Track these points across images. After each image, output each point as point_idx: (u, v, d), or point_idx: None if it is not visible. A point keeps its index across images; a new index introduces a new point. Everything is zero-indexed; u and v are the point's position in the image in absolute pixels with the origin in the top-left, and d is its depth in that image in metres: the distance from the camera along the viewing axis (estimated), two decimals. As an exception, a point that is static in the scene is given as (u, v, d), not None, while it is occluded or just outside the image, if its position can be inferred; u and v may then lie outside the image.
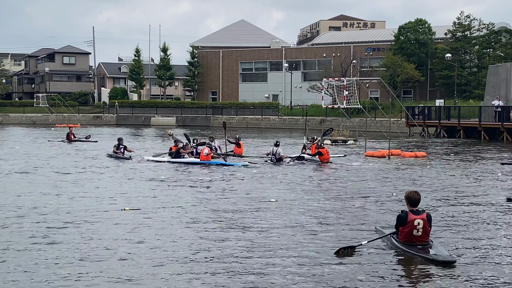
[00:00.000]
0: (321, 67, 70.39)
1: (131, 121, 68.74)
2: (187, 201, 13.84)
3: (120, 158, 24.24)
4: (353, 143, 35.05)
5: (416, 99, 66.70)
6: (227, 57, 79.78)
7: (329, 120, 55.93)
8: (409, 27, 66.09)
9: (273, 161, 22.75)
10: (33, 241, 9.83)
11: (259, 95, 75.16)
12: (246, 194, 15.00)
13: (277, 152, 22.92)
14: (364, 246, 9.33)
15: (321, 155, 23.06)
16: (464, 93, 61.69)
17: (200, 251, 9.30)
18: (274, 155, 22.90)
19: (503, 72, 43.71)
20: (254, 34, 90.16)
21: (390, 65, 62.57)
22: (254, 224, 11.28)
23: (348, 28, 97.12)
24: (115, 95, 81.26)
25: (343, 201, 14.12)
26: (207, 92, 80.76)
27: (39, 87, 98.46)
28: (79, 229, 10.72)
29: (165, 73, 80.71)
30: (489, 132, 38.69)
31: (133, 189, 15.83)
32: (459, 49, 64.20)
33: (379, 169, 21.16)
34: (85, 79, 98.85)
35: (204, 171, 20.34)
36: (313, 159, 23.46)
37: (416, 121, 43.32)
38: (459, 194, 15.31)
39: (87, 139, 34.72)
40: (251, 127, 61.00)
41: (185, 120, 67.42)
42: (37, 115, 71.15)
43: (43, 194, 14.84)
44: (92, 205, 13.18)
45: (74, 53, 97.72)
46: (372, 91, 67.87)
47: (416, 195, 9.09)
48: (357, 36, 79.89)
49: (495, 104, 39.24)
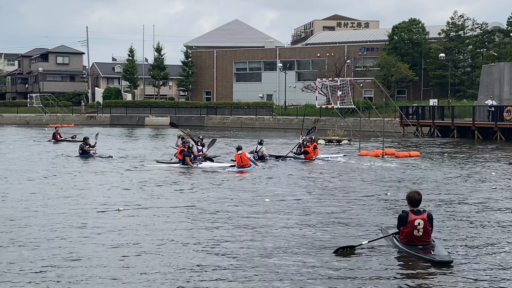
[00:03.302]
0: (315, 67, 70.47)
1: (125, 121, 68.64)
2: (179, 203, 13.80)
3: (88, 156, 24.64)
4: (347, 143, 35.10)
5: (410, 98, 66.83)
6: (221, 57, 79.73)
7: (323, 119, 56.01)
8: (402, 27, 66.21)
9: (256, 158, 22.95)
10: (29, 241, 9.82)
11: (253, 95, 75.14)
12: (239, 195, 14.99)
13: (260, 150, 23.33)
14: (363, 246, 9.34)
15: (307, 153, 23.61)
16: (457, 93, 61.85)
17: (195, 252, 9.30)
18: (257, 153, 23.18)
19: (497, 72, 43.83)
20: (248, 34, 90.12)
21: (384, 65, 62.69)
22: (249, 224, 11.28)
23: (342, 28, 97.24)
24: (109, 95, 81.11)
25: (337, 201, 14.12)
26: (201, 92, 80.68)
27: (32, 87, 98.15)
28: (73, 229, 10.71)
29: (159, 73, 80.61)
30: (483, 131, 38.80)
31: (129, 190, 15.81)
32: (452, 48, 64.37)
33: (373, 168, 21.18)
34: (79, 79, 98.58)
35: (197, 172, 20.25)
36: (297, 157, 23.89)
37: (410, 121, 43.37)
38: (452, 193, 15.34)
39: (73, 139, 34.71)
40: (245, 127, 60.99)
41: (179, 120, 67.19)
42: (30, 115, 70.94)
43: (32, 193, 14.82)
44: (86, 205, 13.15)
45: (68, 53, 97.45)
46: (366, 91, 67.96)
47: (417, 195, 9.10)
48: (351, 36, 79.97)
49: (489, 104, 39.38)
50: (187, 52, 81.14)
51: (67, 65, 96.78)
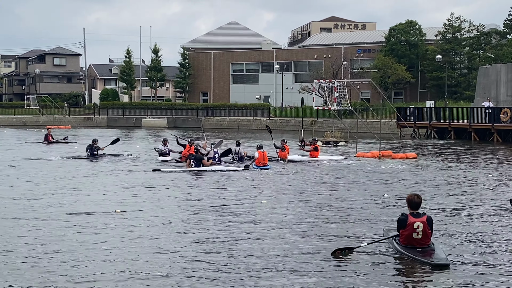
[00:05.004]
0: (312, 69, 70.50)
1: (122, 122, 68.61)
2: (175, 204, 13.79)
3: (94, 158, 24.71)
4: (344, 144, 35.12)
5: (407, 100, 66.94)
6: (218, 58, 79.73)
7: (320, 121, 56.03)
8: (399, 29, 66.31)
9: (236, 159, 23.25)
10: (25, 241, 9.80)
11: (250, 97, 75.17)
12: (236, 196, 14.98)
13: (239, 151, 23.65)
14: (362, 248, 9.33)
15: (316, 150, 25.06)
16: (454, 94, 61.94)
17: (193, 253, 9.28)
18: (237, 154, 23.43)
19: (493, 74, 43.91)
20: (245, 35, 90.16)
21: (380, 67, 62.78)
22: (245, 226, 11.27)
23: (339, 30, 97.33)
24: (105, 97, 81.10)
25: (334, 202, 14.11)
26: (198, 93, 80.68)
27: (29, 88, 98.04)
28: (70, 230, 10.70)
29: (156, 75, 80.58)
30: (480, 133, 38.86)
31: (126, 192, 15.79)
32: (449, 50, 64.47)
33: (369, 170, 21.20)
34: (76, 81, 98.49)
35: (201, 174, 20.20)
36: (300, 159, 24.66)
37: (407, 122, 43.45)
38: (449, 194, 15.35)
39: (65, 140, 34.69)
40: (242, 129, 61.00)
41: (176, 122, 67.36)
42: (27, 117, 70.84)
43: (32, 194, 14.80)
44: (84, 207, 13.14)
45: (65, 55, 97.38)
46: (363, 93, 68.00)
47: (416, 198, 9.10)
48: (348, 37, 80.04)
49: (485, 106, 39.44)
50: (184, 54, 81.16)
51: (64, 66, 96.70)
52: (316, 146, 25.46)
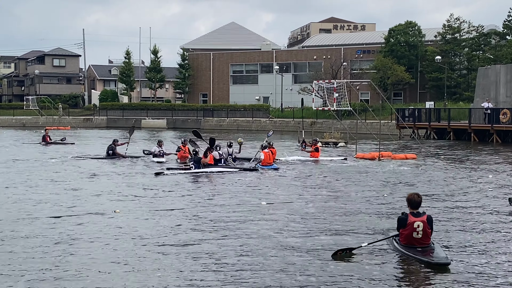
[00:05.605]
0: (312, 69, 70.54)
1: (122, 123, 68.55)
2: (176, 206, 13.76)
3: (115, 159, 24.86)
4: (343, 145, 35.11)
5: (406, 101, 66.96)
6: (218, 59, 79.75)
7: (319, 122, 56.05)
8: (399, 30, 66.34)
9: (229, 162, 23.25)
10: (25, 241, 9.81)
11: (249, 97, 75.16)
12: (236, 197, 14.97)
13: (233, 152, 23.81)
14: (363, 248, 9.33)
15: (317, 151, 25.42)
16: (454, 95, 61.95)
17: (193, 253, 9.29)
18: (230, 155, 23.51)
19: (493, 74, 43.95)
20: (245, 36, 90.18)
21: (380, 67, 62.80)
22: (245, 227, 11.27)
23: (338, 31, 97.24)
24: (105, 98, 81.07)
25: (334, 203, 14.13)
26: (198, 94, 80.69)
27: (29, 89, 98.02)
28: (70, 230, 10.71)
29: (155, 75, 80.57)
30: (479, 134, 38.89)
31: (126, 192, 15.79)
32: (449, 51, 64.50)
33: (369, 171, 21.21)
34: (75, 82, 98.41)
35: (202, 175, 20.12)
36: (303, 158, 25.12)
37: (406, 123, 43.45)
38: (448, 195, 15.36)
39: (62, 141, 34.71)
40: (241, 129, 60.99)
41: (176, 123, 67.36)
42: (27, 118, 70.84)
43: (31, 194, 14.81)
44: (84, 206, 13.15)
45: (64, 56, 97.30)
46: (362, 93, 67.99)
47: (417, 198, 9.10)
48: (348, 38, 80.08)
49: (485, 106, 39.46)
50: (184, 55, 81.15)
51: (64, 67, 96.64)
52: (317, 147, 25.55)
